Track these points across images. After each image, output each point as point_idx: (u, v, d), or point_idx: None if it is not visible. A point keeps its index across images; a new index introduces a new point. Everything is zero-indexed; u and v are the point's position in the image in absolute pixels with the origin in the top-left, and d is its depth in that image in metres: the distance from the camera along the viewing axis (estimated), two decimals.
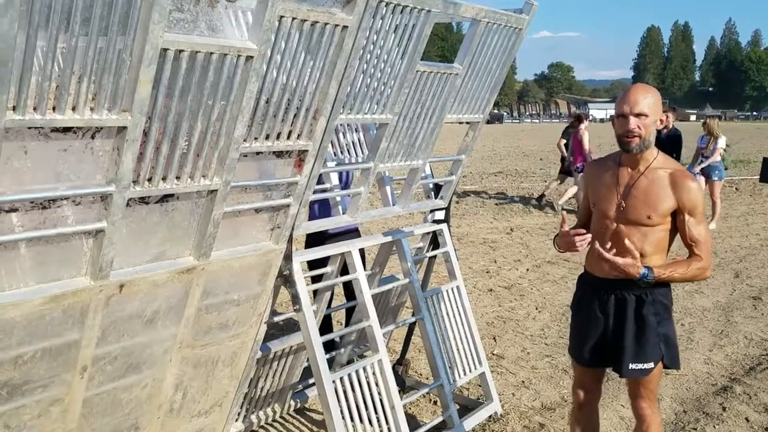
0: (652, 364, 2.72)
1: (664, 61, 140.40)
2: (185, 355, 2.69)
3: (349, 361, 4.29)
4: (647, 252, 2.67)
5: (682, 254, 2.81)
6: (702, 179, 10.17)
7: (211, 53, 2.00)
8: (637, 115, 2.60)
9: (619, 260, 2.56)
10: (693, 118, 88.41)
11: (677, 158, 9.66)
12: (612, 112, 2.86)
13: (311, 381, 4.01)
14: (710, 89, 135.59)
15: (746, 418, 4.02)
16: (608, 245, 2.68)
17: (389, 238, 3.70)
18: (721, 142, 10.32)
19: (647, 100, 2.61)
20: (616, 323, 2.76)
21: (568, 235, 2.75)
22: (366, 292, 3.39)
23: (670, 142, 9.98)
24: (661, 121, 2.67)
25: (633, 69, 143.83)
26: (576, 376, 3.03)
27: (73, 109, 1.78)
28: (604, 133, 40.24)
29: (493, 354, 5.08)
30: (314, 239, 3.92)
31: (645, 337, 2.71)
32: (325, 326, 4.33)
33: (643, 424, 2.80)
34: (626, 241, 2.59)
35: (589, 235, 2.73)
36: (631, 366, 2.72)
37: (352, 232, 4.12)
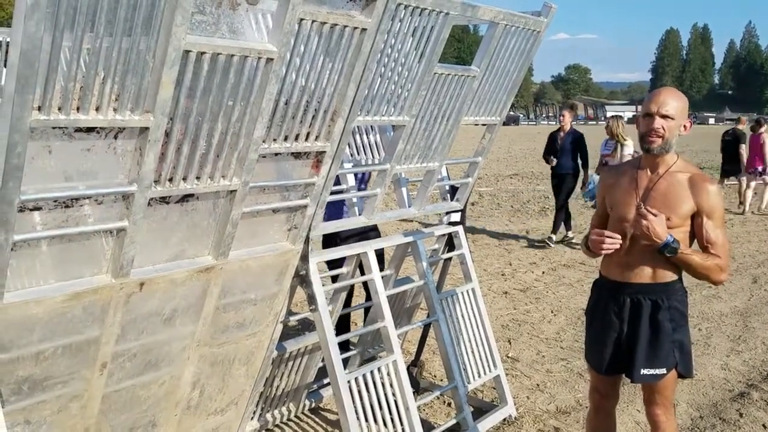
0: (664, 370, 2.69)
1: (682, 63, 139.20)
2: (203, 353, 2.71)
3: (364, 362, 4.30)
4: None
5: None
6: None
7: (232, 55, 2.03)
8: (663, 116, 2.59)
9: (650, 216, 2.53)
10: (711, 121, 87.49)
11: (584, 163, 8.88)
12: (630, 114, 2.85)
13: (326, 381, 4.03)
14: (729, 92, 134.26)
15: (763, 425, 3.99)
16: (626, 248, 2.67)
17: (405, 240, 3.71)
18: (629, 148, 8.53)
19: (675, 104, 2.61)
20: (630, 328, 2.74)
21: (602, 234, 2.67)
22: (381, 293, 3.40)
23: (571, 146, 8.92)
24: (685, 127, 2.66)
25: (651, 71, 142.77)
26: (592, 380, 3.02)
27: (97, 109, 1.81)
28: None
29: (508, 357, 5.07)
30: (330, 240, 3.93)
31: (659, 343, 2.68)
32: (344, 326, 4.35)
33: (657, 431, 2.78)
34: (649, 209, 2.57)
35: (620, 239, 2.65)
36: (643, 371, 2.70)
37: (370, 232, 4.11)
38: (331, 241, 3.91)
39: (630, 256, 2.70)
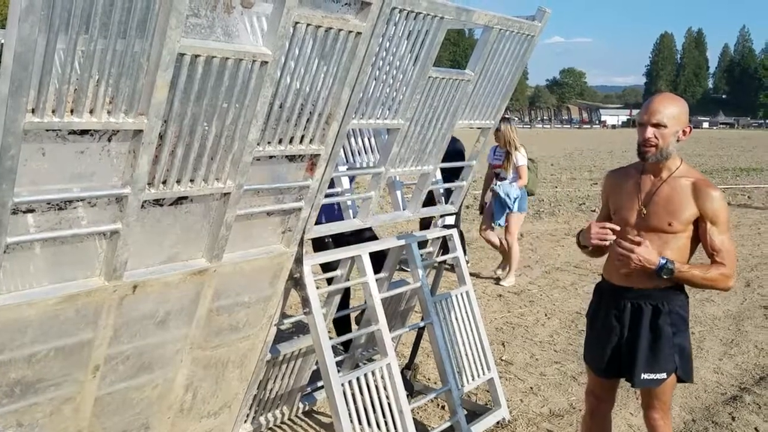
0: (665, 375, 2.70)
1: (677, 67, 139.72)
2: (196, 356, 2.71)
3: (358, 365, 4.30)
4: None
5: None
6: (516, 214, 7.20)
7: (227, 58, 2.03)
8: (656, 125, 2.58)
9: (636, 248, 2.55)
10: (705, 125, 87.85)
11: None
12: (624, 118, 2.86)
13: (320, 384, 4.03)
14: (723, 96, 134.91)
15: (755, 428, 4.00)
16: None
17: (399, 243, 3.71)
18: (521, 158, 7.08)
19: (668, 111, 2.59)
20: (631, 332, 2.75)
21: (598, 226, 2.67)
22: (376, 296, 3.40)
23: (451, 158, 6.67)
24: (685, 132, 2.64)
25: (646, 75, 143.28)
26: (589, 383, 3.03)
27: (91, 112, 1.81)
28: (616, 138, 40.07)
29: (502, 360, 5.08)
30: (321, 240, 3.92)
31: (659, 347, 2.69)
32: (345, 326, 4.35)
33: None
34: (634, 236, 2.58)
35: (618, 228, 2.66)
36: (644, 376, 2.70)
37: (365, 232, 4.01)
38: (321, 241, 3.90)
39: None
